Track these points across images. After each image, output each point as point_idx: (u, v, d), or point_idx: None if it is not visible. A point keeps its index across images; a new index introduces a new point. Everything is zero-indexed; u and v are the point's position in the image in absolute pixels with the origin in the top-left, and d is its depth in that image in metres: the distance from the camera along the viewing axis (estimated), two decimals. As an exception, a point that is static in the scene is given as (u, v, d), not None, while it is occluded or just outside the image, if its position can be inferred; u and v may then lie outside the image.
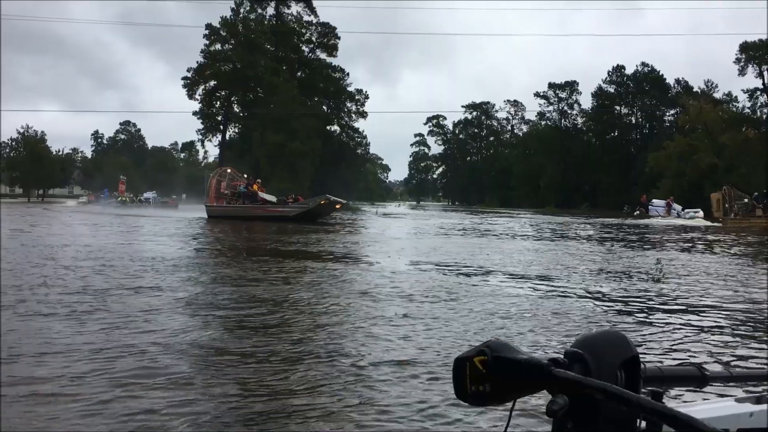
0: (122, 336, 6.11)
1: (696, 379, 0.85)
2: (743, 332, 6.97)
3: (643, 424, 0.74)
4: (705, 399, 0.88)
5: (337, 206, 36.76)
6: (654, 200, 48.11)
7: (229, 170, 39.20)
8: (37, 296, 8.22)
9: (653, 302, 8.92)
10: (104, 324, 6.64)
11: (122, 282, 9.65)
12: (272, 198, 37.59)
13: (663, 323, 7.36)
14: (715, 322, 7.52)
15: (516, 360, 0.72)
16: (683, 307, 8.52)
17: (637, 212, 46.63)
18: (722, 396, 0.92)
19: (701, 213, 44.63)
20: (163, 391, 4.45)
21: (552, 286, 10.35)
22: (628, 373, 0.76)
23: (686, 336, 6.69)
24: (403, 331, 6.51)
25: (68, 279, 9.85)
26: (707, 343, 6.35)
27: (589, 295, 9.42)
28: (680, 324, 7.31)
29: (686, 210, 45.57)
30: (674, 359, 5.74)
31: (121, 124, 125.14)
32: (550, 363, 0.72)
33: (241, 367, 5.14)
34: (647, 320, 7.57)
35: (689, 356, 5.83)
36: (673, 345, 6.27)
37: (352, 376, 4.85)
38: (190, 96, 65.52)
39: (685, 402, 0.69)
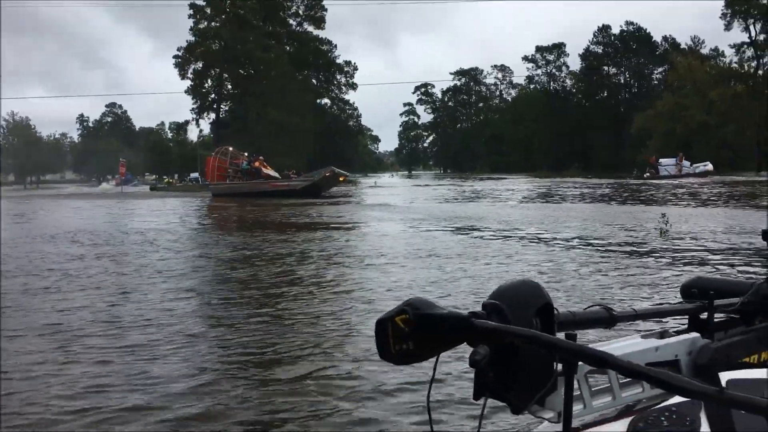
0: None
1: (605, 320, 0.92)
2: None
3: (560, 367, 0.79)
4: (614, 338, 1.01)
5: (341, 179, 37.39)
6: (662, 159, 49.08)
7: (230, 149, 39.92)
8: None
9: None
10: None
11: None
12: (275, 174, 38.35)
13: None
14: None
15: (437, 315, 0.74)
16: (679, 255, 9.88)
17: (647, 174, 47.59)
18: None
19: (710, 166, 46.07)
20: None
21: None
22: (543, 319, 0.80)
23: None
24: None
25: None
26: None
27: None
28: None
29: (695, 164, 47.00)
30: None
31: (107, 106, 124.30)
32: (471, 315, 0.75)
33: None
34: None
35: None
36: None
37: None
38: (182, 76, 66.01)
39: (598, 342, 0.88)
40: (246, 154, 39.99)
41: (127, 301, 7.14)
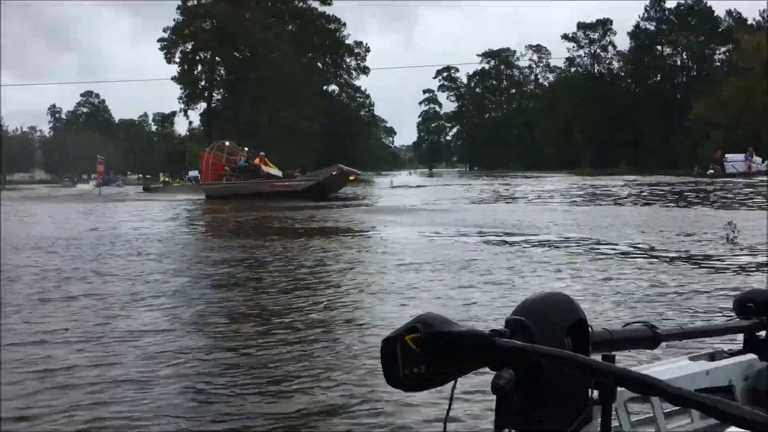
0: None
1: (648, 339, 0.91)
2: None
3: (596, 393, 0.78)
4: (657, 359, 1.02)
5: (351, 177, 37.15)
6: (728, 155, 48.66)
7: (227, 143, 39.84)
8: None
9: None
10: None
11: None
12: (277, 172, 38.22)
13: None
14: None
15: (454, 333, 0.72)
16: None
17: (711, 171, 47.11)
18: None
19: None
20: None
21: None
22: (576, 338, 0.79)
23: None
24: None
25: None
26: None
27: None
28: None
29: (766, 161, 46.46)
30: None
31: (82, 95, 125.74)
32: (493, 333, 0.74)
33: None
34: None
35: None
36: None
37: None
38: (169, 60, 66.33)
39: (639, 364, 0.89)
40: (246, 149, 39.74)
41: (119, 320, 7.11)
